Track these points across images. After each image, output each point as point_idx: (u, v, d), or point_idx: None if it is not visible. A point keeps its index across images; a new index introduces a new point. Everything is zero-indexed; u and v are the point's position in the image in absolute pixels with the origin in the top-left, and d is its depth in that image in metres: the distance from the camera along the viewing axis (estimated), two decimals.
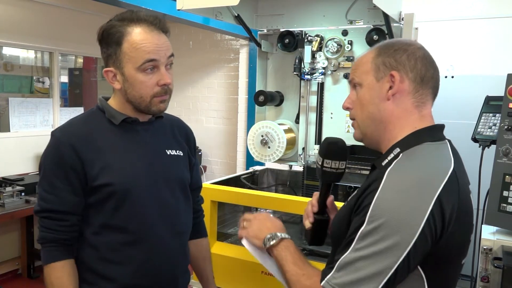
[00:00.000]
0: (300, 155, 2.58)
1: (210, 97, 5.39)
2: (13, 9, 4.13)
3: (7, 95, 4.28)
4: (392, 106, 1.09)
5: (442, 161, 1.03)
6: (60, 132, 1.35)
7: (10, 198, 3.45)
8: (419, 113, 1.09)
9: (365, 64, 1.12)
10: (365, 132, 1.15)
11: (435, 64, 1.11)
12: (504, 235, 1.95)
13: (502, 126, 2.02)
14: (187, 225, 1.53)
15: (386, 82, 1.08)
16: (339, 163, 1.23)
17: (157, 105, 1.35)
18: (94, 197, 1.32)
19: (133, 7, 3.10)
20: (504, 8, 3.29)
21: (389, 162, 1.04)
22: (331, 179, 1.26)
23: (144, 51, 1.28)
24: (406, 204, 0.94)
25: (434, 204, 0.94)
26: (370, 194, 0.98)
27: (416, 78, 1.07)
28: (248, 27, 2.49)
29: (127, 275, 1.35)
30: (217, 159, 5.42)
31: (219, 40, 5.28)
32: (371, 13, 2.31)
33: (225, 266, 2.25)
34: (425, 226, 0.92)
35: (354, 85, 1.15)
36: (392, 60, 1.08)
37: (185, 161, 1.53)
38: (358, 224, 0.97)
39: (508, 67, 2.92)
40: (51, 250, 1.32)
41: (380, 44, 1.14)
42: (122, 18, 1.31)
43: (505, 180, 1.96)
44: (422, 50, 1.10)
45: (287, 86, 2.67)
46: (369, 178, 1.10)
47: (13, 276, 4.15)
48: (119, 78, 1.33)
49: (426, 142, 1.06)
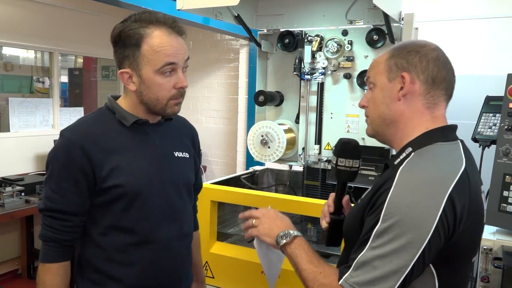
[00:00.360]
0: (300, 155, 2.58)
1: (210, 97, 5.39)
2: (13, 9, 4.13)
3: (7, 95, 4.27)
4: (403, 106, 1.11)
5: (453, 161, 1.05)
6: (70, 132, 1.33)
7: (10, 198, 3.45)
8: (431, 114, 1.11)
9: (379, 65, 1.15)
10: (377, 130, 1.18)
11: (450, 65, 1.12)
12: (504, 235, 1.95)
13: (502, 126, 2.02)
14: (191, 226, 1.54)
15: (397, 83, 1.11)
16: (352, 161, 1.27)
17: (172, 107, 1.36)
18: (102, 198, 1.32)
19: (133, 7, 3.10)
20: (504, 8, 3.29)
21: (401, 161, 1.06)
22: (345, 178, 1.31)
23: (164, 54, 1.28)
24: (419, 202, 0.96)
25: (446, 202, 0.95)
26: (383, 193, 1.00)
27: (428, 80, 1.09)
28: (248, 27, 2.49)
29: (133, 276, 1.36)
30: (217, 159, 5.42)
31: (219, 40, 5.28)
32: (371, 13, 2.31)
33: (225, 266, 2.25)
34: (438, 223, 0.94)
35: (370, 84, 1.19)
36: (404, 62, 1.10)
37: (191, 163, 1.54)
38: (373, 223, 0.99)
39: (508, 67, 2.92)
40: (50, 250, 1.32)
41: (395, 45, 1.17)
42: (139, 19, 1.30)
43: (505, 180, 1.96)
44: (436, 51, 1.11)
45: (287, 86, 2.67)
46: (382, 177, 1.12)
47: (13, 276, 4.15)
48: (135, 80, 1.32)
49: (438, 142, 1.08)
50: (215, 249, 2.29)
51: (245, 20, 2.44)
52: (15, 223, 4.12)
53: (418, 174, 1.01)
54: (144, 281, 1.38)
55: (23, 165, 4.23)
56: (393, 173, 1.02)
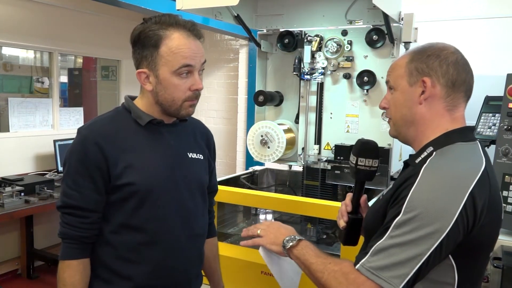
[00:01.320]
0: (299, 155, 2.58)
1: (210, 97, 5.39)
2: (12, 9, 4.13)
3: (7, 95, 4.27)
4: (424, 109, 1.15)
5: (474, 160, 1.09)
6: (87, 129, 1.36)
7: (9, 198, 3.44)
8: (451, 116, 1.15)
9: (399, 68, 1.18)
10: (399, 131, 1.22)
11: (468, 67, 1.17)
12: (504, 235, 1.95)
13: (502, 126, 2.02)
14: (204, 228, 1.54)
15: (418, 87, 1.14)
16: (372, 161, 1.30)
17: (187, 109, 1.38)
18: (115, 195, 1.34)
19: (132, 7, 3.09)
20: (503, 8, 3.30)
21: (423, 160, 1.10)
22: (364, 177, 1.33)
23: (182, 56, 1.31)
24: (441, 197, 1.00)
25: (467, 198, 1.00)
26: (406, 188, 1.04)
27: (448, 83, 1.13)
28: (248, 27, 2.49)
29: (143, 275, 1.37)
30: (216, 159, 5.39)
31: (218, 40, 5.28)
32: (370, 13, 2.32)
33: (225, 266, 2.24)
34: (458, 218, 0.98)
35: (390, 87, 1.22)
36: (424, 66, 1.14)
37: (205, 164, 1.55)
38: (395, 214, 1.02)
39: (508, 67, 2.92)
40: (70, 247, 1.34)
41: (414, 48, 1.20)
42: (160, 21, 1.33)
43: (505, 180, 1.96)
44: (456, 54, 1.15)
45: (286, 86, 2.67)
46: (402, 175, 1.16)
47: (13, 277, 4.15)
48: (151, 80, 1.35)
49: (458, 142, 1.12)
50: None
51: (245, 20, 2.44)
52: (15, 223, 4.12)
53: (442, 172, 1.05)
54: (153, 281, 1.39)
55: (23, 165, 4.22)
56: (416, 171, 1.06)
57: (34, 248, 4.10)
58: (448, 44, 1.18)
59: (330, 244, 2.32)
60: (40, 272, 4.15)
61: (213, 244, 1.72)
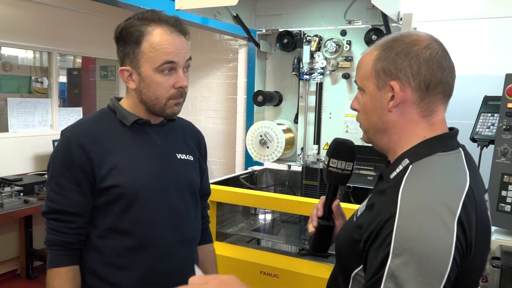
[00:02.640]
0: (298, 155, 2.58)
1: (209, 97, 5.39)
2: (11, 9, 4.12)
3: (6, 95, 4.27)
4: (395, 116, 1.00)
5: (457, 177, 0.95)
6: (70, 131, 1.32)
7: (8, 198, 3.45)
8: (428, 122, 1.00)
9: (366, 67, 1.03)
10: (371, 140, 1.09)
11: (446, 62, 0.99)
12: (503, 234, 1.95)
13: (500, 126, 2.02)
14: (196, 231, 1.49)
15: (387, 91, 0.99)
16: (345, 163, 1.18)
17: (172, 107, 1.33)
18: (101, 199, 1.30)
19: (131, 7, 3.10)
20: (502, 8, 3.30)
21: (398, 176, 0.96)
22: (336, 181, 1.22)
23: (164, 52, 1.26)
24: (431, 231, 0.85)
25: (457, 228, 0.86)
26: (388, 220, 0.89)
27: (420, 86, 0.97)
28: (247, 27, 2.49)
29: (132, 281, 1.33)
30: (216, 159, 5.42)
31: (217, 40, 5.28)
32: (369, 13, 2.32)
33: (223, 266, 2.24)
34: (455, 253, 0.85)
35: (359, 89, 1.08)
36: (392, 67, 0.98)
37: (195, 166, 1.50)
38: (383, 257, 0.87)
39: (507, 67, 2.92)
40: (57, 254, 1.30)
41: (383, 41, 1.03)
42: (142, 17, 1.29)
43: (504, 180, 1.96)
44: (429, 49, 0.97)
45: (285, 86, 2.67)
46: (376, 191, 1.03)
47: (12, 277, 4.15)
48: (134, 78, 1.31)
49: (437, 153, 0.97)
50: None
51: (244, 20, 2.44)
52: (14, 223, 4.12)
53: (422, 196, 0.90)
54: (143, 287, 1.34)
55: (22, 165, 4.22)
56: (393, 194, 0.92)
57: (33, 248, 4.10)
58: (422, 34, 1.01)
59: None
60: (39, 272, 4.14)
61: (209, 251, 1.65)
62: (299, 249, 2.33)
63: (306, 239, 2.38)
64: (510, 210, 1.92)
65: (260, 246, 2.51)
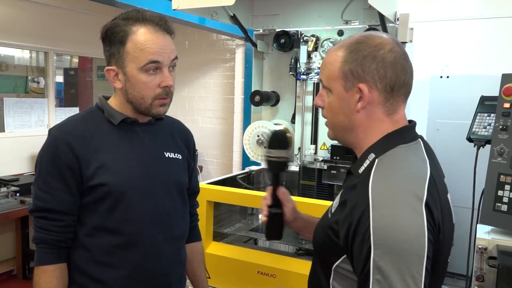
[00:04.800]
0: (296, 155, 2.58)
1: (206, 97, 5.38)
2: (7, 9, 4.11)
3: (2, 95, 4.25)
4: (362, 116, 1.06)
5: (418, 166, 1.02)
6: (57, 130, 1.33)
7: (4, 198, 3.43)
8: (391, 120, 1.07)
9: (332, 68, 1.07)
10: (338, 137, 1.16)
11: (407, 65, 1.06)
12: (499, 234, 1.95)
13: (497, 126, 2.03)
14: (184, 230, 1.50)
15: (355, 93, 1.05)
16: (279, 151, 1.29)
17: (157, 108, 1.34)
18: (89, 197, 1.30)
19: (129, 7, 3.09)
20: (498, 8, 3.31)
21: (366, 170, 1.03)
22: (276, 169, 1.31)
23: (148, 52, 1.27)
24: (404, 219, 0.92)
25: (425, 212, 0.93)
26: (363, 215, 0.94)
27: (386, 88, 1.03)
28: (244, 27, 2.49)
29: (120, 279, 1.33)
30: (213, 159, 5.41)
31: (215, 40, 5.27)
32: (366, 13, 2.32)
33: (221, 266, 2.24)
34: (428, 235, 0.92)
35: (325, 88, 1.12)
36: (360, 70, 1.03)
37: (183, 165, 1.50)
38: (366, 251, 0.91)
39: (503, 67, 2.93)
40: (44, 252, 1.31)
41: (349, 43, 1.07)
42: (127, 17, 1.29)
43: (500, 180, 1.97)
44: (393, 52, 1.03)
45: (283, 86, 2.67)
46: (346, 186, 1.10)
47: (8, 277, 4.13)
48: (120, 78, 1.31)
49: (399, 145, 1.04)
50: (211, 249, 2.29)
51: (241, 20, 2.44)
52: (10, 224, 4.10)
53: (390, 187, 0.97)
54: (131, 285, 1.35)
55: (18, 165, 4.21)
56: (364, 189, 0.97)
57: (30, 249, 4.09)
58: (385, 37, 1.06)
59: None
60: None
61: (197, 249, 1.65)
62: (296, 249, 2.33)
63: (303, 239, 2.38)
64: (506, 210, 1.93)
65: (258, 246, 2.52)
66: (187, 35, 5.29)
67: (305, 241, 2.36)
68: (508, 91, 2.02)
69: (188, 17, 3.39)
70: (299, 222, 1.40)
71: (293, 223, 1.39)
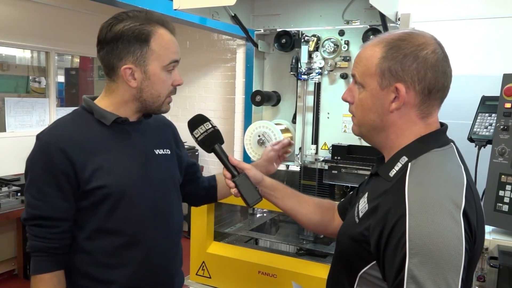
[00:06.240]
0: (297, 155, 2.58)
1: (207, 97, 5.38)
2: (9, 9, 4.12)
3: (3, 95, 4.26)
4: (395, 117, 1.02)
5: (455, 171, 0.98)
6: (47, 135, 1.30)
7: (6, 198, 3.44)
8: (424, 123, 1.03)
9: (369, 63, 1.03)
10: (365, 135, 1.11)
11: (448, 68, 1.02)
12: (500, 234, 1.95)
13: (498, 126, 2.03)
14: (179, 223, 1.53)
15: (391, 92, 1.00)
16: (203, 125, 1.36)
17: (167, 105, 1.40)
18: (87, 201, 1.29)
19: (130, 7, 3.09)
20: (499, 8, 3.31)
21: (399, 174, 0.99)
22: (211, 141, 1.38)
23: (172, 51, 1.33)
24: (443, 227, 0.88)
25: (463, 221, 0.90)
26: (398, 221, 0.90)
27: (424, 91, 0.99)
28: (245, 27, 2.49)
29: (125, 277, 1.34)
30: (214, 158, 5.39)
31: (216, 40, 5.28)
32: (367, 13, 2.32)
33: (221, 266, 2.25)
34: (465, 244, 0.88)
35: (356, 82, 1.07)
36: (399, 69, 0.98)
37: (173, 159, 1.53)
38: (401, 259, 0.88)
39: (504, 67, 2.93)
40: (40, 260, 1.28)
41: (389, 39, 1.02)
42: (138, 16, 1.31)
43: (501, 180, 1.97)
44: (436, 54, 0.99)
45: (284, 86, 2.67)
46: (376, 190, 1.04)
47: (9, 277, 4.14)
48: (137, 76, 1.31)
49: (433, 149, 1.00)
50: (212, 249, 2.29)
51: (242, 20, 2.44)
52: (11, 224, 4.11)
53: (428, 193, 0.92)
54: (136, 282, 1.36)
55: (19, 165, 4.20)
56: (399, 194, 0.93)
57: None
58: (428, 36, 1.01)
59: (327, 243, 2.32)
60: None
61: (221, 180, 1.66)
62: (297, 249, 2.33)
63: (304, 238, 2.38)
64: (507, 210, 1.92)
65: (258, 246, 2.51)
66: (188, 35, 5.29)
67: (306, 241, 2.36)
68: (510, 91, 2.02)
69: (189, 17, 3.39)
70: (266, 182, 1.46)
71: (262, 183, 1.44)
